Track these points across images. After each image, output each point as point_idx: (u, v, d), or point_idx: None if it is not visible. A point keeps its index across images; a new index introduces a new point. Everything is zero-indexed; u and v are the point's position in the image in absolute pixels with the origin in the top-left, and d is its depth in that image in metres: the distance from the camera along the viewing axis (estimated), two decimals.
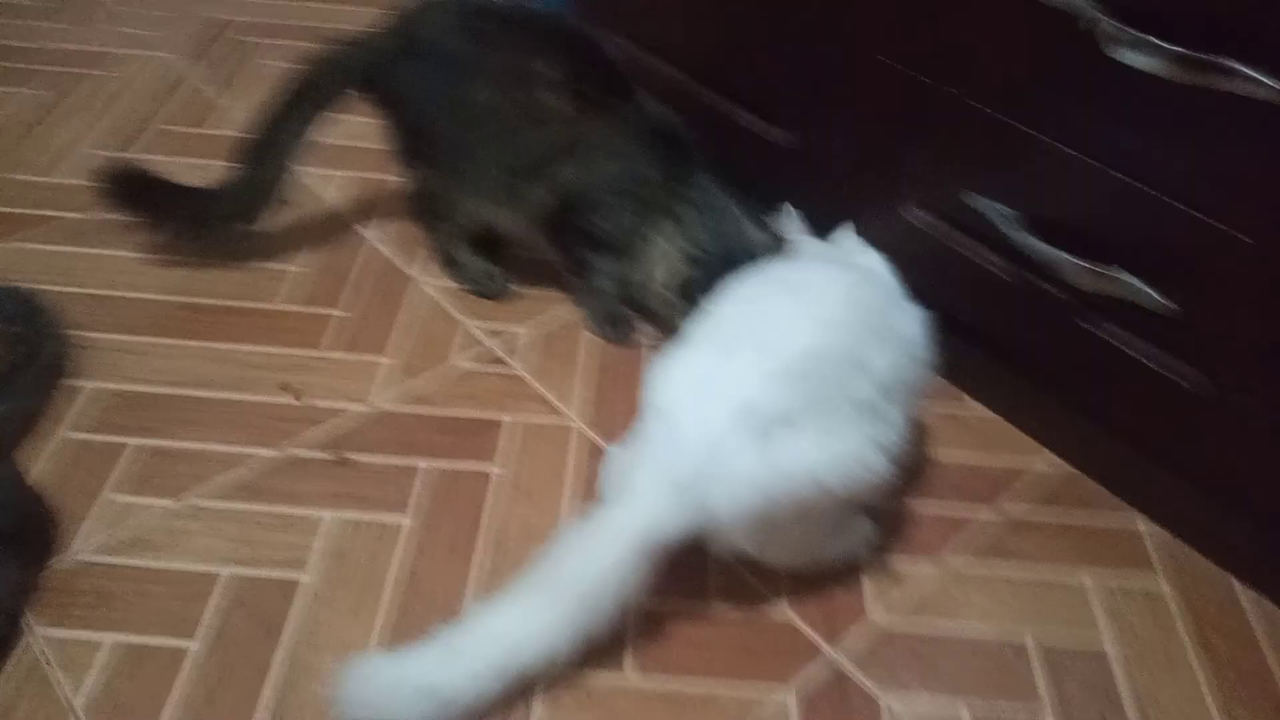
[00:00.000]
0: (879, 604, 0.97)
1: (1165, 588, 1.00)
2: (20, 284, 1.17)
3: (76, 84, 1.61)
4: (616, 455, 1.02)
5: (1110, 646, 0.95)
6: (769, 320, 0.88)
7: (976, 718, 0.88)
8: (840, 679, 0.91)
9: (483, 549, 0.99)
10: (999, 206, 1.03)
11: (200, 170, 1.28)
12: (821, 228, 1.09)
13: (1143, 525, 1.06)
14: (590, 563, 0.83)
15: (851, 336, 0.86)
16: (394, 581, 0.96)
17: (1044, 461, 1.12)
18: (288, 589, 0.94)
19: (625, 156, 1.15)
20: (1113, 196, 0.93)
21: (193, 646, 0.89)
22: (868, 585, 0.98)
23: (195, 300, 1.24)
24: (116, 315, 1.20)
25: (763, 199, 1.19)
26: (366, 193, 1.43)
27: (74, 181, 1.39)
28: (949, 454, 1.12)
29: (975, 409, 1.18)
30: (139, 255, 1.29)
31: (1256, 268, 0.85)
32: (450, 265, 1.29)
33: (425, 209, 1.28)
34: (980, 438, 1.14)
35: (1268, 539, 0.98)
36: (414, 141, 1.21)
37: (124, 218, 1.25)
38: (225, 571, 0.95)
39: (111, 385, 1.12)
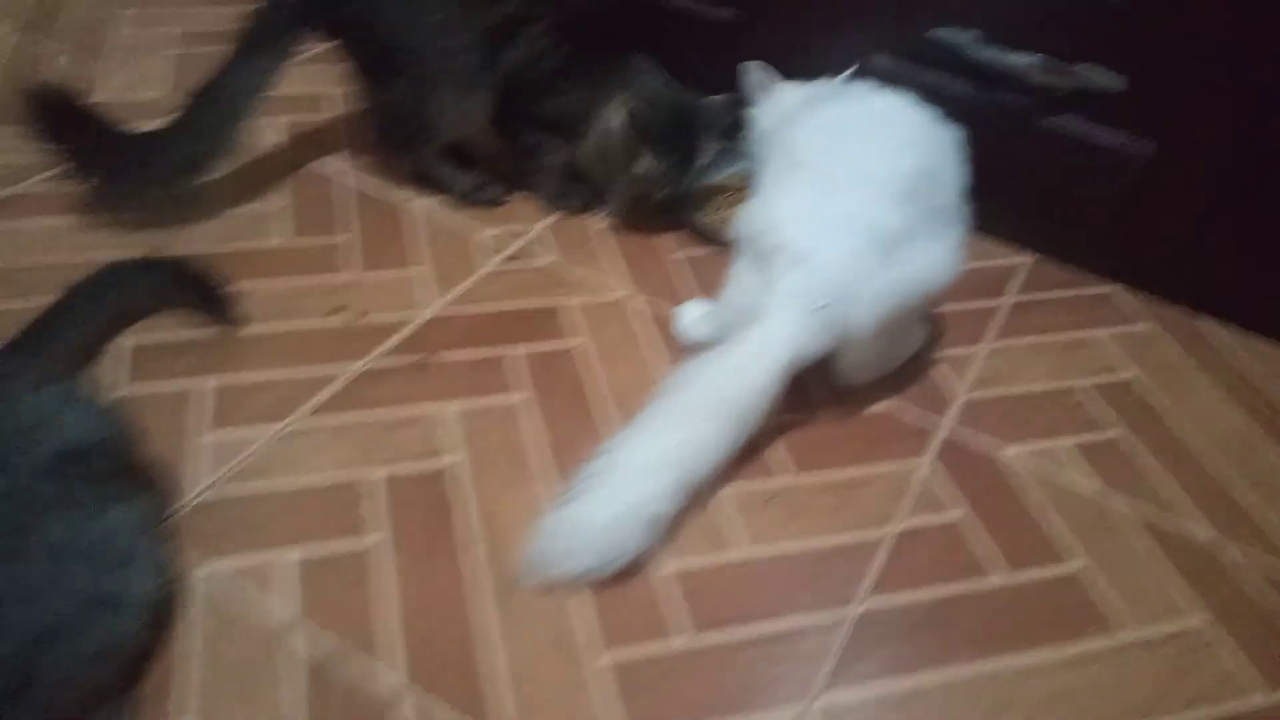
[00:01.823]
0: (960, 384, 1.10)
1: (1141, 328, 1.21)
2: None
3: None
4: (686, 309, 1.11)
5: (1130, 372, 1.13)
6: (861, 152, 0.97)
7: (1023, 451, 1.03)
8: (957, 444, 1.03)
9: (599, 407, 1.02)
10: (963, 33, 1.18)
11: None
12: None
13: (1111, 289, 1.26)
14: (743, 383, 0.91)
15: (931, 153, 0.98)
16: (534, 447, 0.97)
17: (1025, 258, 1.29)
18: (438, 476, 0.94)
19: (569, 37, 1.19)
20: None
21: (374, 541, 0.87)
22: (946, 370, 1.11)
23: (192, 248, 1.16)
24: None
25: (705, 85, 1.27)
26: (305, 136, 1.38)
27: None
28: None
29: None
30: (86, 220, 1.19)
31: (1190, 35, 1.05)
32: (438, 182, 1.29)
33: (401, 132, 1.25)
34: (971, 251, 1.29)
35: (1215, 272, 1.20)
36: (381, 57, 1.19)
37: (47, 147, 1.14)
38: (369, 474, 0.93)
39: (148, 339, 1.04)
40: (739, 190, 1.21)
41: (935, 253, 0.97)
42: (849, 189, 0.94)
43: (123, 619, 0.72)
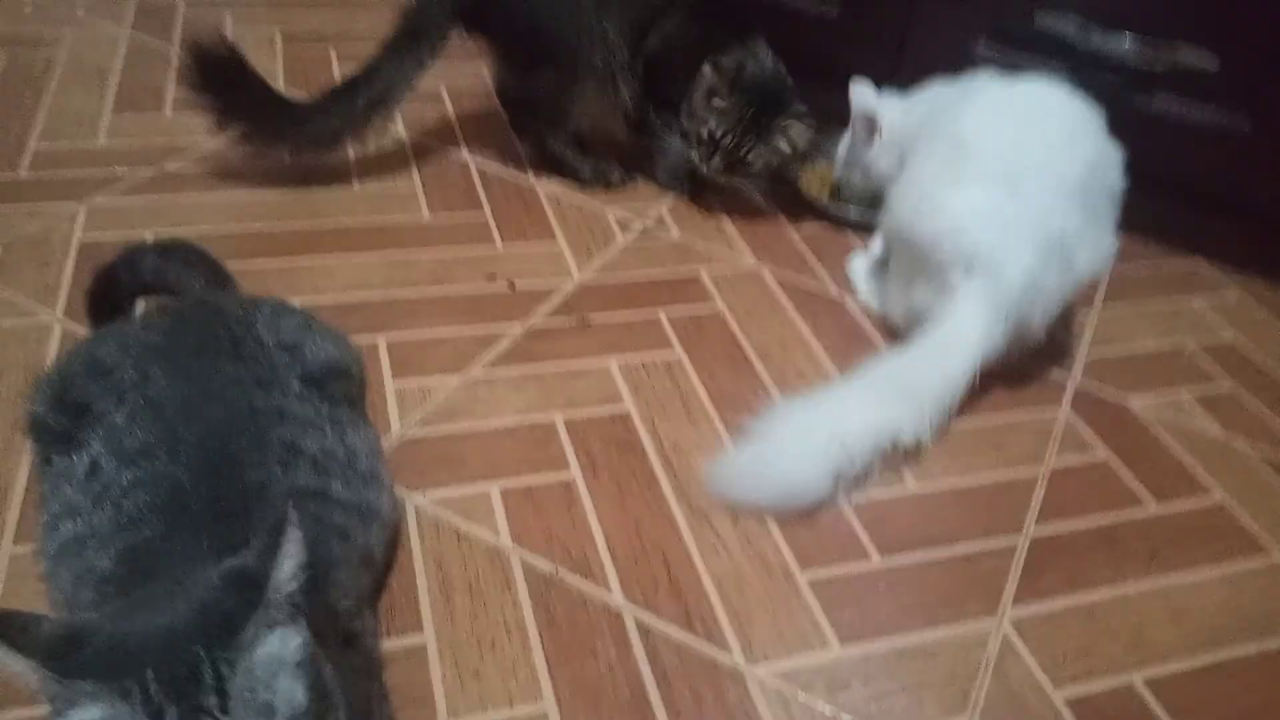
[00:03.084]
0: (1081, 344, 1.17)
1: (1231, 295, 1.29)
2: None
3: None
4: (858, 259, 1.21)
5: (1229, 333, 1.20)
6: (1036, 148, 0.99)
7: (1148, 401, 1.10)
8: (1090, 395, 1.09)
9: (747, 362, 1.08)
10: (1067, 17, 1.26)
11: None
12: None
13: (1195, 261, 1.34)
14: (939, 371, 0.97)
15: (1095, 142, 1.02)
16: (704, 393, 1.03)
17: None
18: (621, 418, 0.99)
19: (701, 22, 1.26)
20: None
21: (571, 474, 0.92)
22: (1064, 332, 1.17)
23: (342, 222, 1.22)
24: (276, 244, 1.16)
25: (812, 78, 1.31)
26: (428, 126, 1.44)
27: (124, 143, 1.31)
28: None
29: None
30: (240, 191, 1.25)
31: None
32: (564, 167, 1.35)
33: (539, 119, 1.32)
34: None
35: None
36: (529, 49, 1.25)
37: (201, 99, 1.18)
38: (556, 415, 0.98)
39: (319, 299, 1.08)
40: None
41: (1100, 244, 1.02)
42: (1031, 189, 0.97)
43: (376, 529, 0.76)
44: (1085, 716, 0.77)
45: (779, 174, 1.32)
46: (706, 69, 1.21)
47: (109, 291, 0.89)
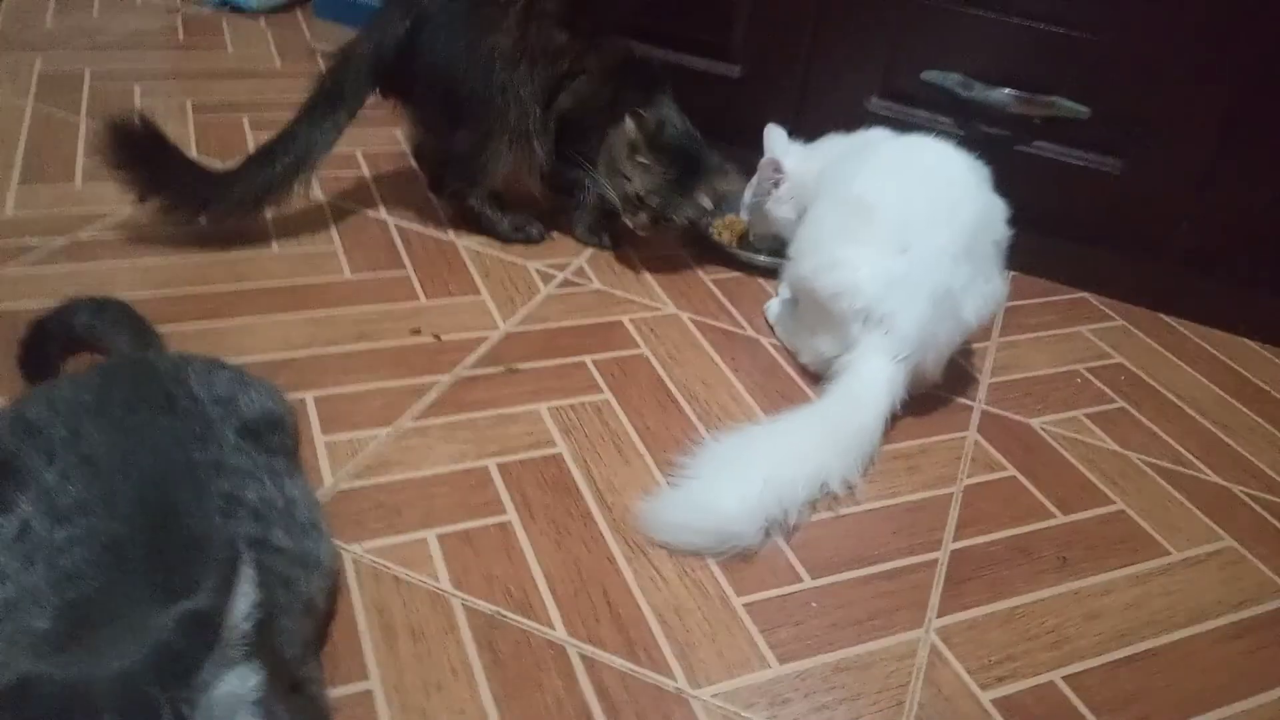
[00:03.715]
0: (983, 372, 1.24)
1: (1117, 323, 1.39)
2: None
3: None
4: (774, 302, 1.27)
5: (1117, 357, 1.30)
6: (926, 209, 1.07)
7: (1048, 421, 1.18)
8: (994, 417, 1.16)
9: (674, 402, 1.12)
10: (951, 75, 1.37)
11: None
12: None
13: (1081, 295, 1.44)
14: (856, 421, 1.03)
15: (980, 199, 1.11)
16: (634, 432, 1.06)
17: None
18: (553, 460, 1.01)
19: (611, 81, 1.32)
20: (1033, 41, 1.29)
21: (508, 517, 0.93)
22: (967, 362, 1.25)
23: (263, 284, 1.22)
24: (197, 307, 1.16)
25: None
26: (343, 188, 1.46)
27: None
28: None
29: None
30: (157, 257, 1.24)
31: (1143, 66, 1.25)
32: (487, 223, 1.38)
33: (456, 178, 1.35)
34: None
35: (1186, 277, 1.39)
36: (446, 110, 1.29)
37: (119, 174, 1.19)
38: (489, 462, 0.99)
39: (243, 359, 1.08)
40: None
41: (989, 291, 1.10)
42: (922, 248, 1.05)
43: (317, 577, 0.76)
44: (1012, 715, 0.81)
45: (694, 225, 1.37)
46: (629, 122, 1.26)
47: (41, 343, 0.89)
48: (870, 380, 1.04)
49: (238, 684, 0.52)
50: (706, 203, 1.31)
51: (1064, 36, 1.29)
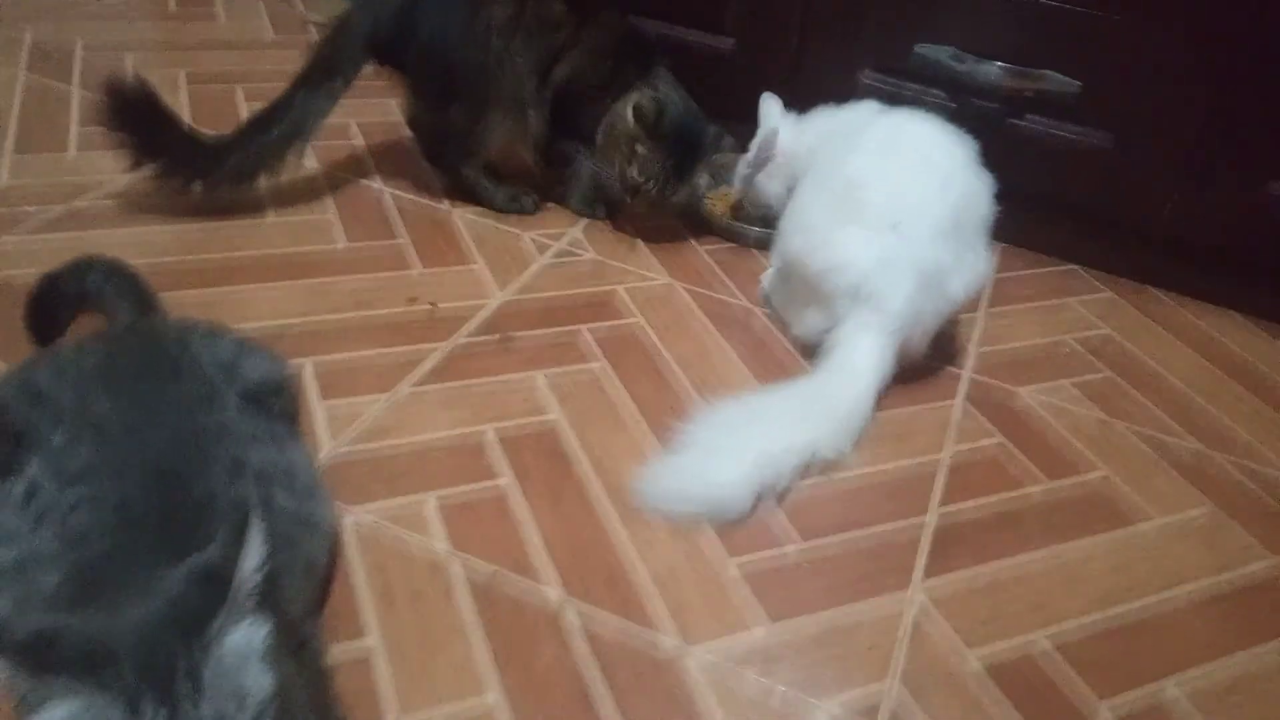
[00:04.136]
0: (971, 342, 1.26)
1: (1104, 295, 1.41)
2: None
3: None
4: (768, 275, 1.27)
5: (1104, 328, 1.32)
6: (915, 190, 1.08)
7: (1034, 390, 1.20)
8: (981, 387, 1.18)
9: (667, 372, 1.13)
10: (943, 48, 1.37)
11: None
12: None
13: (1071, 267, 1.46)
14: (847, 396, 1.05)
15: (967, 178, 1.12)
16: (629, 401, 1.07)
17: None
18: (548, 426, 1.02)
19: (608, 54, 1.32)
20: (1025, 15, 1.30)
21: (505, 482, 0.95)
22: (956, 332, 1.26)
23: (260, 253, 1.23)
24: (194, 275, 1.16)
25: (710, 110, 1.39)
26: (339, 159, 1.47)
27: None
28: None
29: None
30: (154, 226, 1.25)
31: (1134, 41, 1.26)
32: (478, 195, 1.39)
33: (451, 149, 1.36)
34: None
35: (1171, 253, 1.40)
36: (441, 83, 1.29)
37: (116, 137, 1.19)
38: (486, 428, 1.01)
39: (241, 327, 1.09)
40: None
41: (973, 268, 1.11)
42: (910, 227, 1.06)
43: (318, 539, 0.78)
44: (997, 675, 0.83)
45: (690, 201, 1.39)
46: (629, 116, 1.27)
47: (52, 300, 0.90)
48: (860, 355, 1.06)
49: (248, 635, 0.54)
50: (705, 181, 1.32)
51: (1056, 10, 1.29)
